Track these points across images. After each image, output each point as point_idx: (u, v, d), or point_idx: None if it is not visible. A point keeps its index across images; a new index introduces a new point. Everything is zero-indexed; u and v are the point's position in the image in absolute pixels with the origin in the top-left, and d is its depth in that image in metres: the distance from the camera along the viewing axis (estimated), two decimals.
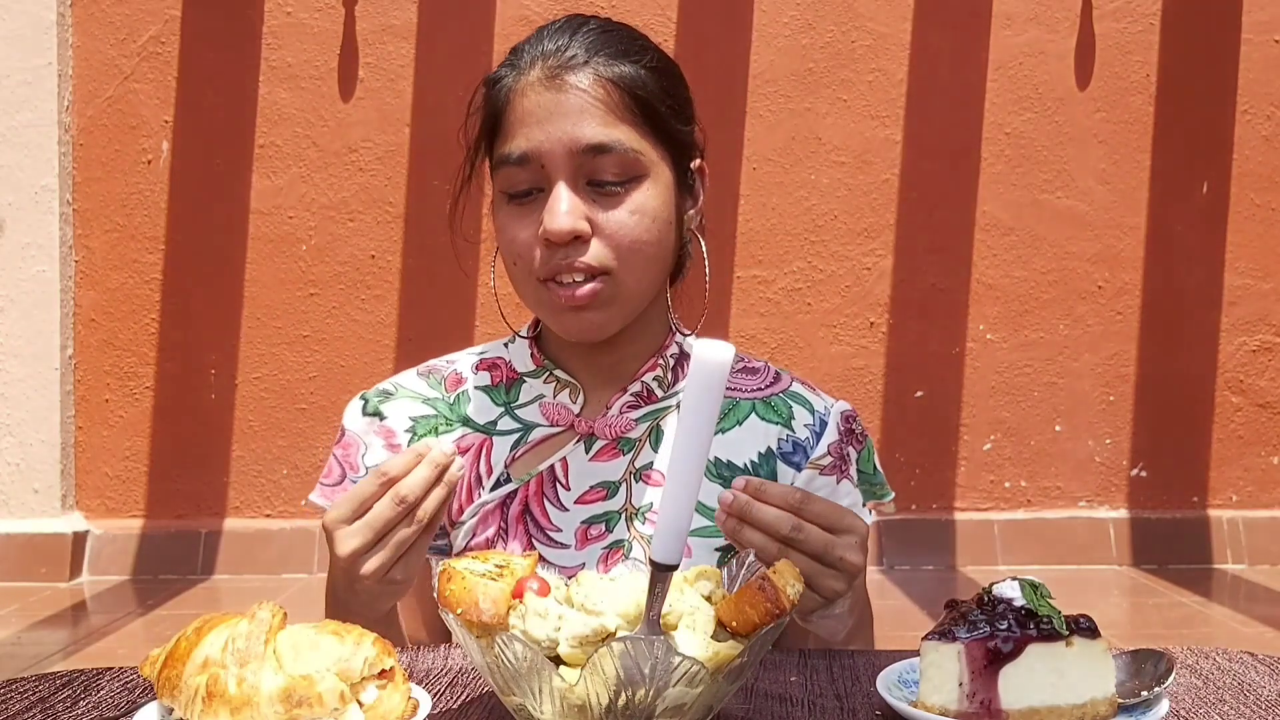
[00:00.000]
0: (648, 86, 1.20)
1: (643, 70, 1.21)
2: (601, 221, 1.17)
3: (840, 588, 1.06)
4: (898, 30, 3.88)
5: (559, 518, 1.24)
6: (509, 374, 1.31)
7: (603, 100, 1.18)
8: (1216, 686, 0.97)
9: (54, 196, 3.79)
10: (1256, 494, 3.91)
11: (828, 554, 1.05)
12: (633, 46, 1.23)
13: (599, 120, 1.17)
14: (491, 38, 3.85)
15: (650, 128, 1.21)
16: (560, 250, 1.17)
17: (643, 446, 1.26)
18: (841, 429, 1.29)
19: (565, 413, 1.27)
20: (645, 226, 1.19)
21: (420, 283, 3.87)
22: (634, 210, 1.18)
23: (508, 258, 1.22)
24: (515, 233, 1.20)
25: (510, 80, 1.21)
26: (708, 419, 0.84)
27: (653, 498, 1.25)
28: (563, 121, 1.17)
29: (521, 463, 1.26)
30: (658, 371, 1.28)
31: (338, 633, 0.84)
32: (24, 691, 0.97)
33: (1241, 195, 3.89)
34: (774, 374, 1.33)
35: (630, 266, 1.19)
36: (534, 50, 1.21)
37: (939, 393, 3.91)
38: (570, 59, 1.18)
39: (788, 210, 3.89)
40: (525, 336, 1.32)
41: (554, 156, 1.17)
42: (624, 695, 0.80)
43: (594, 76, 1.18)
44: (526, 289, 1.22)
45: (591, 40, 1.20)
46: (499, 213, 1.22)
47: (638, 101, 1.20)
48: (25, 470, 3.80)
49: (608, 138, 1.17)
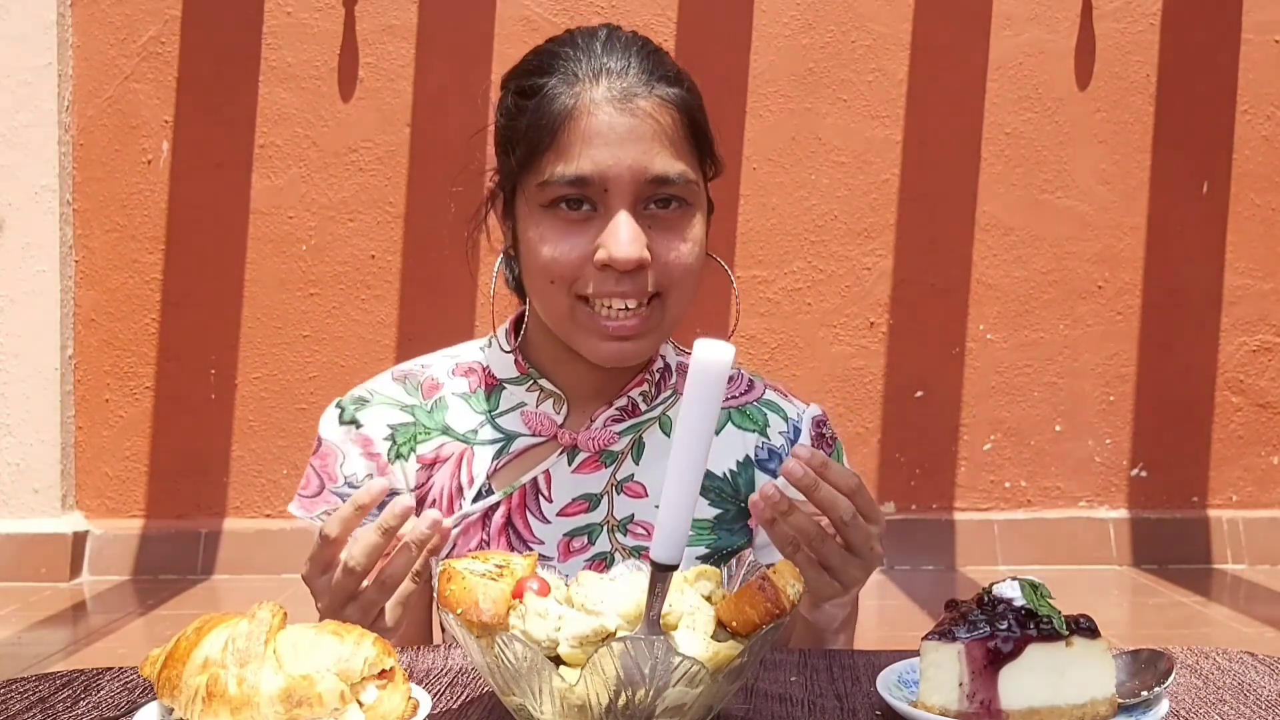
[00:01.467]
0: (700, 113, 1.21)
1: (690, 95, 1.21)
2: (659, 250, 1.17)
3: (862, 576, 1.06)
4: (898, 30, 3.88)
5: (541, 530, 1.24)
6: (488, 380, 1.29)
7: (669, 129, 1.17)
8: (1216, 686, 0.97)
9: (54, 196, 3.79)
10: (1256, 494, 3.91)
11: (864, 545, 1.04)
12: (674, 67, 1.22)
13: (667, 150, 1.16)
14: (491, 38, 3.84)
15: (700, 155, 1.21)
16: (618, 276, 1.15)
17: (625, 459, 1.26)
18: (813, 434, 1.30)
19: (549, 423, 1.26)
20: (696, 255, 1.19)
21: (420, 283, 3.87)
22: (686, 239, 1.18)
23: (542, 273, 1.18)
24: (560, 250, 1.16)
25: (566, 94, 1.16)
26: (708, 419, 0.84)
27: (634, 510, 1.25)
28: (633, 148, 1.15)
29: (504, 474, 1.26)
30: (644, 387, 1.28)
31: (338, 633, 0.84)
32: (24, 691, 0.97)
33: (1241, 195, 3.89)
34: (748, 381, 1.33)
35: (679, 294, 1.19)
36: (590, 63, 1.18)
37: (939, 393, 3.91)
38: (637, 80, 1.17)
39: (788, 210, 3.89)
40: (507, 350, 1.29)
41: (621, 182, 1.15)
42: (624, 695, 0.80)
43: (660, 102, 1.17)
44: (560, 306, 1.19)
45: (650, 63, 1.19)
46: (536, 225, 1.18)
47: (695, 129, 1.20)
48: (25, 470, 3.80)
49: (674, 170, 1.16)
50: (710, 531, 1.27)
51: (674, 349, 1.33)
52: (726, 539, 1.28)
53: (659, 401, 1.29)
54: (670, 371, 1.31)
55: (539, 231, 1.17)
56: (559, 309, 1.19)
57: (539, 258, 1.17)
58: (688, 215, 1.19)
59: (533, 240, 1.18)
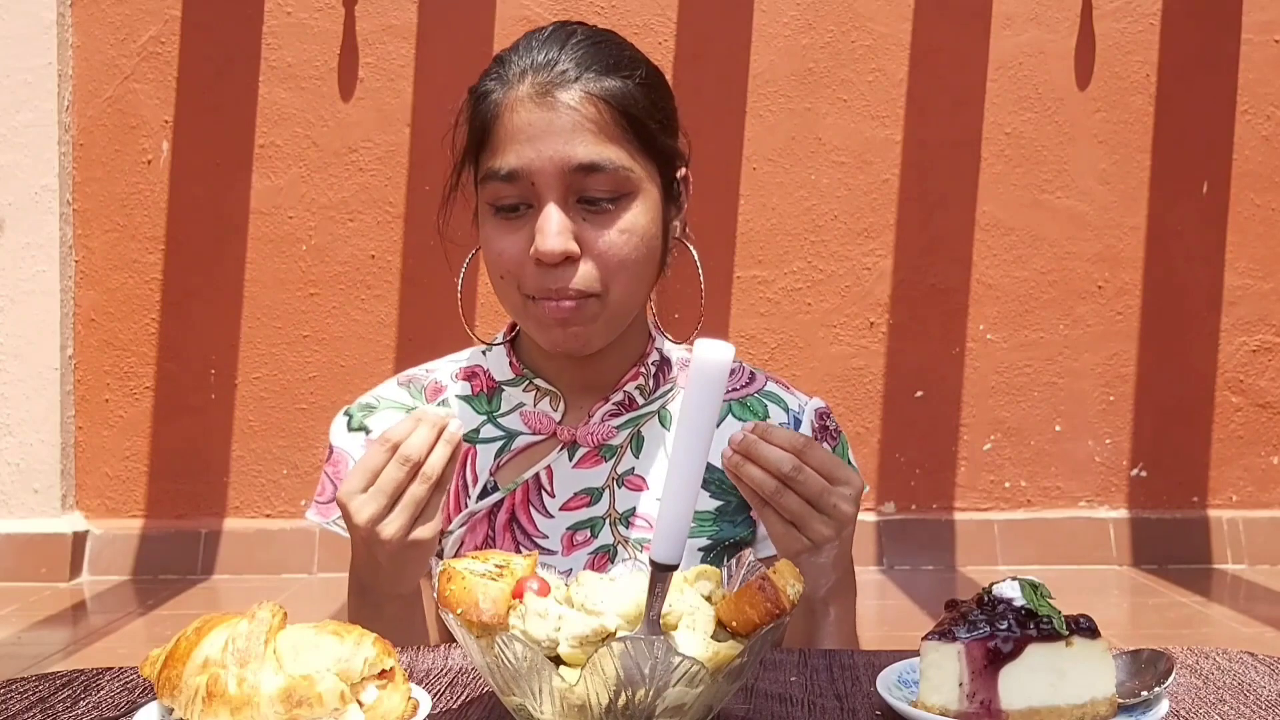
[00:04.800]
0: (638, 103, 1.19)
1: (632, 85, 1.19)
2: (591, 241, 1.17)
3: (828, 534, 1.07)
4: (898, 30, 3.88)
5: (545, 525, 1.26)
6: (489, 383, 1.32)
7: (593, 119, 1.16)
8: (1216, 686, 0.97)
9: (54, 196, 3.79)
10: (1256, 494, 3.91)
11: (822, 499, 1.06)
12: (621, 59, 1.21)
13: (590, 139, 1.16)
14: (491, 38, 3.84)
15: (640, 144, 1.20)
16: (550, 270, 1.17)
17: (624, 453, 1.28)
18: (815, 425, 1.31)
19: (547, 421, 1.28)
20: (634, 245, 1.18)
21: (420, 283, 3.87)
22: (624, 229, 1.18)
23: (494, 270, 1.21)
24: (503, 247, 1.19)
25: (498, 93, 1.20)
26: (708, 419, 0.85)
27: (635, 502, 1.27)
28: (554, 140, 1.15)
29: (507, 471, 1.28)
30: (640, 380, 1.29)
31: (338, 633, 0.84)
32: (24, 691, 0.97)
33: (1241, 195, 3.89)
34: (749, 374, 1.34)
35: (619, 285, 1.19)
36: (521, 62, 1.19)
37: (939, 393, 3.91)
38: (561, 74, 1.17)
39: (788, 210, 3.89)
40: (501, 343, 1.33)
41: (545, 175, 1.16)
42: (624, 695, 0.80)
43: (584, 93, 1.17)
44: (513, 302, 1.22)
45: (581, 54, 1.19)
46: (485, 224, 1.22)
47: (628, 119, 1.18)
48: (25, 470, 3.80)
49: (599, 157, 1.16)
50: (712, 523, 1.28)
51: (670, 342, 1.34)
52: (728, 530, 1.29)
53: (657, 395, 1.30)
54: (669, 364, 1.32)
55: (487, 232, 1.22)
56: (513, 304, 1.22)
57: (489, 256, 1.22)
58: (624, 205, 1.18)
59: (485, 239, 1.22)
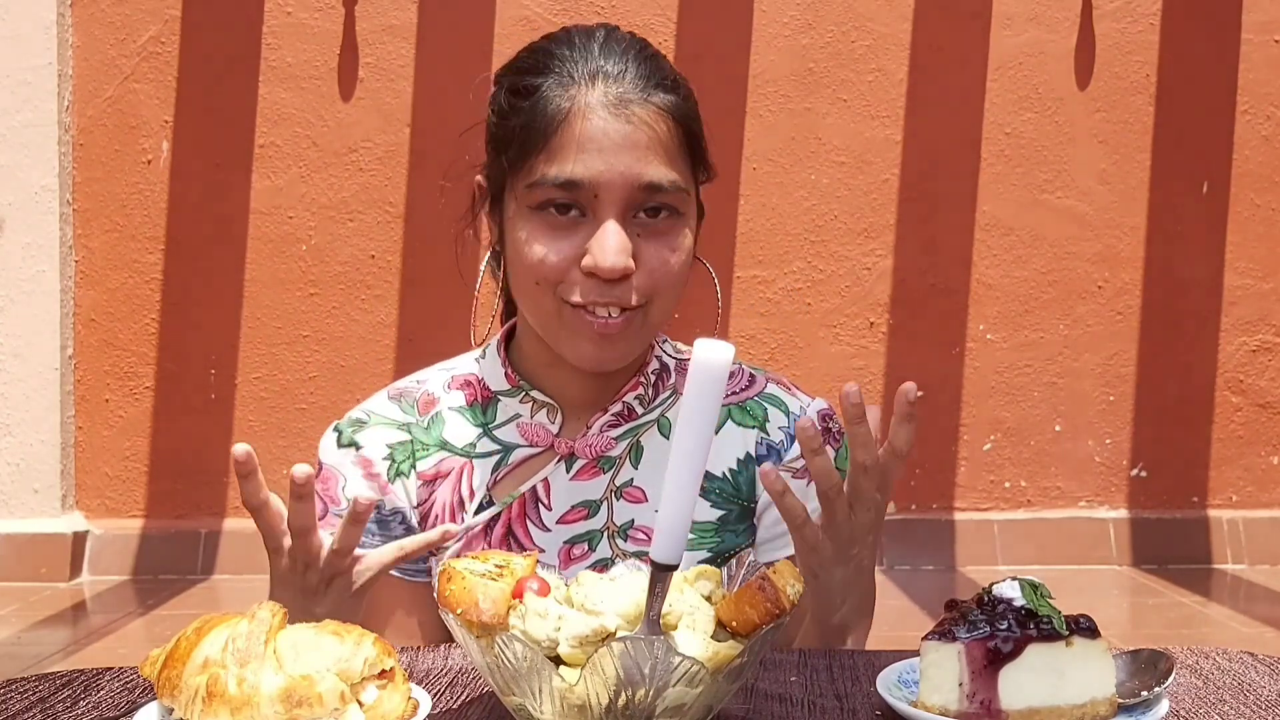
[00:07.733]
0: (696, 120, 1.20)
1: (686, 102, 1.19)
2: (644, 257, 1.16)
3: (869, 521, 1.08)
4: (898, 30, 3.88)
5: (542, 539, 1.24)
6: (483, 392, 1.28)
7: (664, 137, 1.15)
8: (1216, 686, 0.97)
9: (54, 196, 3.79)
10: (1256, 494, 3.91)
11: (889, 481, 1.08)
12: (671, 72, 1.20)
13: (661, 158, 1.15)
14: (491, 38, 3.84)
15: (693, 162, 1.20)
16: (603, 284, 1.14)
17: (623, 464, 1.25)
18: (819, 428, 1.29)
19: (544, 433, 1.25)
20: (680, 263, 1.18)
21: (420, 283, 3.87)
22: (675, 248, 1.18)
23: (528, 275, 1.17)
24: (546, 252, 1.15)
25: (561, 96, 1.15)
26: (708, 419, 0.84)
27: (634, 515, 1.25)
28: (627, 155, 1.14)
29: (504, 485, 1.25)
30: (640, 390, 1.27)
31: (338, 633, 0.84)
32: (24, 691, 0.97)
33: (1241, 195, 3.89)
34: (749, 376, 1.32)
35: (660, 301, 1.19)
36: (587, 66, 1.16)
37: (939, 393, 3.91)
38: (635, 87, 1.16)
39: (788, 210, 3.89)
40: (493, 350, 1.29)
41: (612, 189, 1.14)
42: (624, 695, 0.80)
43: (657, 109, 1.16)
44: (546, 309, 1.18)
45: (647, 68, 1.18)
46: (521, 227, 1.17)
47: (689, 136, 1.19)
48: (25, 470, 3.80)
49: (666, 179, 1.15)
50: (714, 534, 1.26)
51: (671, 348, 1.32)
52: (731, 541, 1.27)
53: (656, 404, 1.28)
54: (668, 371, 1.30)
55: (526, 232, 1.17)
56: (544, 310, 1.18)
57: (525, 259, 1.17)
58: (678, 225, 1.18)
59: (520, 241, 1.17)
